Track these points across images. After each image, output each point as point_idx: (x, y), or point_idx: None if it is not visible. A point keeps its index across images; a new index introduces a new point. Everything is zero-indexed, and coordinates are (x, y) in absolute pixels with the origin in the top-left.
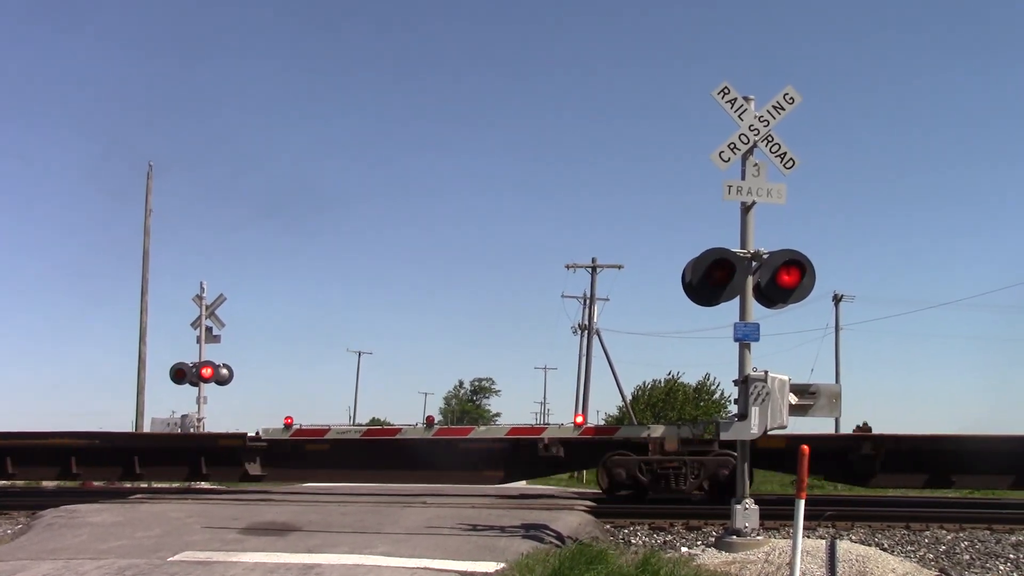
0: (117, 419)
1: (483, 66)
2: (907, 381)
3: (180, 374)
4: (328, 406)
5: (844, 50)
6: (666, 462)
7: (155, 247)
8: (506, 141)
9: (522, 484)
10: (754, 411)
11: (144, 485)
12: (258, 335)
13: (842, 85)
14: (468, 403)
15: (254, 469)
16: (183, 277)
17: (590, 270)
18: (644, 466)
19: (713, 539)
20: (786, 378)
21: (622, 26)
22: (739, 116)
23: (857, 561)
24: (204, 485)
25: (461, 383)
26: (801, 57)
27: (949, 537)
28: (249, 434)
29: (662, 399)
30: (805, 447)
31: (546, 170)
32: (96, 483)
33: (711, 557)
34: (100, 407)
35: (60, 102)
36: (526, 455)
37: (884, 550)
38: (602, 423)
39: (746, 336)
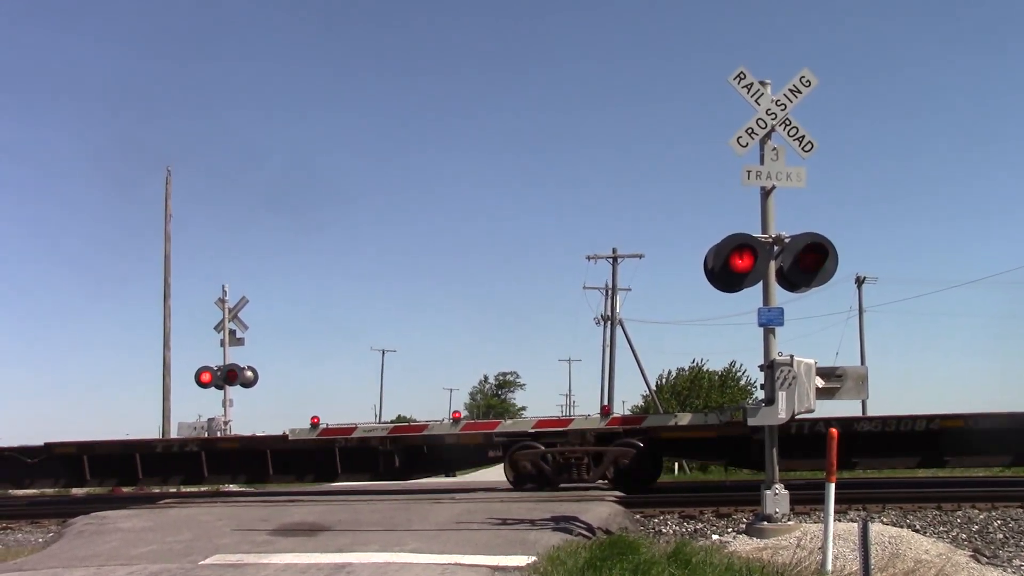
0: (122, 424)
1: (501, 58)
2: (933, 361)
3: (206, 377)
4: (352, 405)
5: (863, 31)
6: None
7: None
8: (524, 133)
9: None
10: (781, 396)
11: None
12: (277, 335)
13: (860, 66)
14: (493, 398)
15: None
16: (194, 275)
17: (611, 260)
18: None
19: (744, 526)
20: (812, 362)
21: (636, 14)
22: (756, 101)
23: (890, 543)
24: (232, 487)
25: (486, 378)
26: (819, 39)
27: (981, 516)
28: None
29: (687, 387)
30: (834, 430)
31: (564, 161)
32: (125, 489)
33: (742, 544)
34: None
35: (62, 98)
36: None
37: (916, 531)
38: (628, 413)
39: (770, 321)
